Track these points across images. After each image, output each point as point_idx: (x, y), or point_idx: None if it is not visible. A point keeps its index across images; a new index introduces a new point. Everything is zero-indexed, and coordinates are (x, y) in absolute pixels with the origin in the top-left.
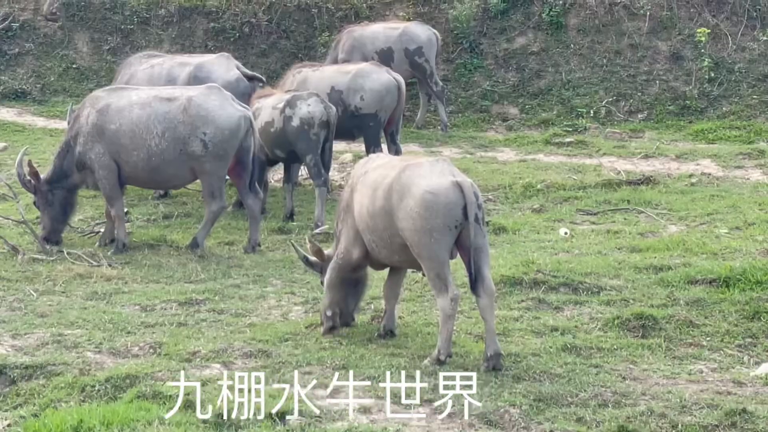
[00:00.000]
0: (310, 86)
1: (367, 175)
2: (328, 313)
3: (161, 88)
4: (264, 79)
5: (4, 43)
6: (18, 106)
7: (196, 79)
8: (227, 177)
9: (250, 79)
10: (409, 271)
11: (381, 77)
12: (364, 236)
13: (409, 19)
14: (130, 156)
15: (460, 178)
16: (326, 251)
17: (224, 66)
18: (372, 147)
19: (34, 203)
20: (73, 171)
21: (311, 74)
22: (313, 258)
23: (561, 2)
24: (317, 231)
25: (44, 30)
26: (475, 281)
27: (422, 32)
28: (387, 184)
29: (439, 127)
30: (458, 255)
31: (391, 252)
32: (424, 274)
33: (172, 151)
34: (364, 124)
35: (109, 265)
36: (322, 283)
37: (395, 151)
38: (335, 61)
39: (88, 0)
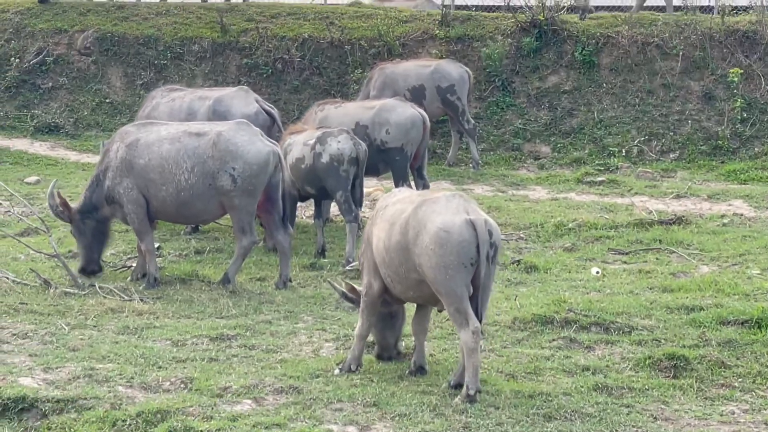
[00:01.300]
0: (333, 123)
1: (387, 209)
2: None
3: (191, 123)
4: (275, 112)
5: (38, 78)
6: (51, 140)
7: (215, 113)
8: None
9: (268, 111)
10: None
11: (406, 111)
12: (381, 270)
13: (441, 57)
14: (159, 191)
15: (473, 216)
16: (358, 288)
17: (243, 100)
18: (400, 181)
19: (71, 232)
20: (103, 204)
21: (333, 111)
22: (351, 294)
23: (594, 41)
24: (348, 267)
25: (78, 64)
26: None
27: (454, 70)
28: (404, 219)
29: (470, 165)
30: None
31: (407, 287)
32: (440, 310)
33: (201, 185)
34: (390, 159)
35: (141, 300)
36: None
37: (423, 185)
38: (367, 98)
39: (122, 35)
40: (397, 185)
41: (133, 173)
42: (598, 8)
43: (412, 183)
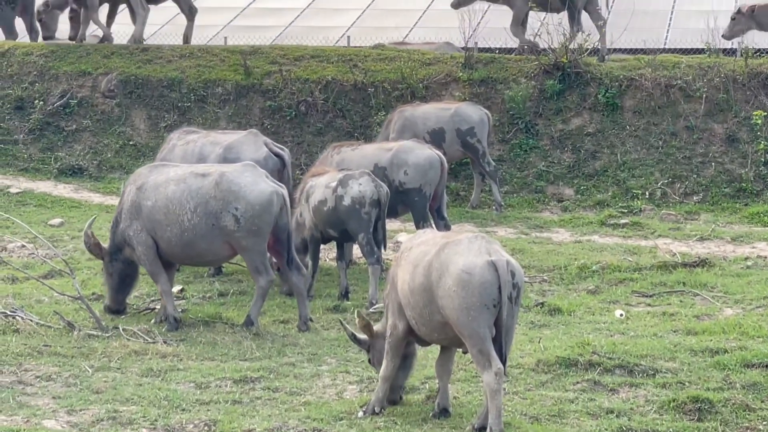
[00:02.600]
0: (350, 165)
1: (411, 251)
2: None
3: (199, 165)
4: (286, 155)
5: (62, 120)
6: (75, 182)
7: (225, 159)
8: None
9: (278, 155)
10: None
11: (424, 152)
12: (406, 312)
13: (464, 100)
14: (165, 231)
15: (495, 257)
16: (375, 327)
17: (252, 145)
18: (421, 222)
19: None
20: (124, 246)
21: (351, 153)
22: (361, 335)
23: (617, 84)
24: (371, 310)
25: (102, 107)
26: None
27: (474, 113)
28: (427, 261)
29: (493, 207)
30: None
31: (431, 329)
32: (464, 352)
33: (204, 225)
34: (409, 200)
35: (165, 342)
36: (368, 361)
37: (444, 226)
38: (386, 140)
39: (146, 77)
40: (417, 226)
41: (141, 216)
42: (619, 50)
43: (433, 224)
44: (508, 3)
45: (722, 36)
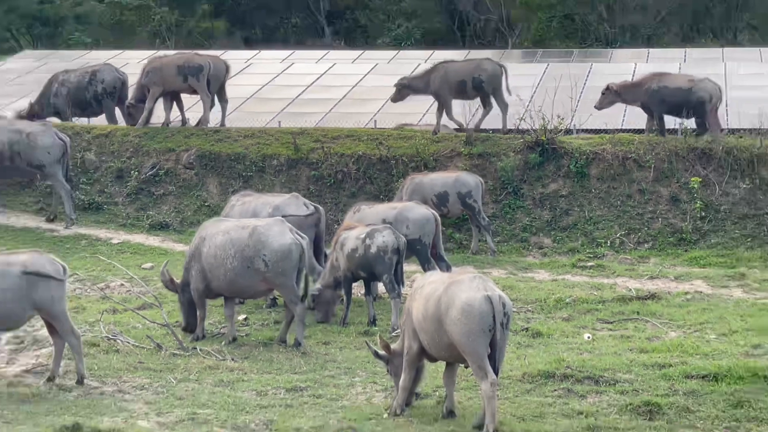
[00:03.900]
0: (366, 220)
1: (423, 288)
2: (399, 401)
3: (242, 219)
4: (321, 212)
5: (152, 186)
6: (162, 235)
7: (273, 216)
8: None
9: (312, 214)
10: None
11: (421, 211)
12: (420, 336)
13: (466, 169)
14: (215, 272)
15: (490, 292)
16: (393, 346)
17: (294, 205)
18: (425, 264)
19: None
20: (190, 281)
21: (367, 210)
22: (381, 352)
23: (585, 156)
24: (393, 334)
25: (183, 176)
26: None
27: (471, 179)
28: (437, 296)
29: (489, 253)
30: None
31: (440, 349)
32: (466, 366)
33: (241, 267)
34: (412, 248)
35: (233, 359)
36: (387, 371)
37: (446, 267)
38: (401, 201)
39: (217, 153)
40: (423, 268)
41: (200, 260)
42: (586, 130)
43: (436, 266)
44: (435, 95)
45: (594, 107)
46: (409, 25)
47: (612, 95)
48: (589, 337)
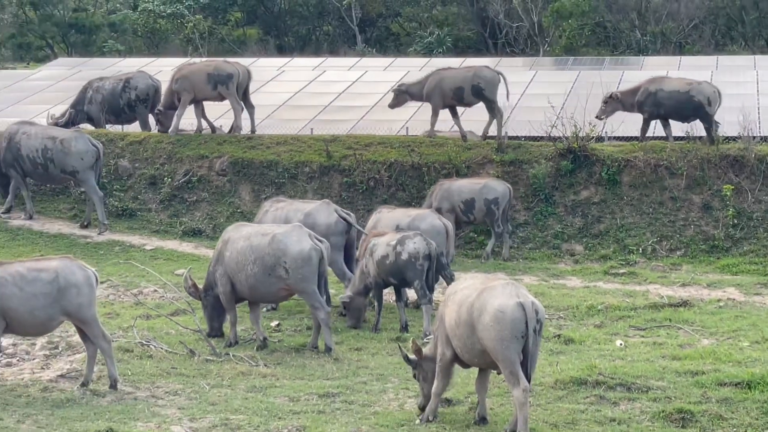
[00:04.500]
0: (383, 224)
1: (456, 294)
2: (432, 407)
3: (265, 225)
4: (351, 219)
5: (185, 193)
6: (195, 241)
7: (305, 223)
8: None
9: (344, 219)
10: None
11: (434, 221)
12: (453, 342)
13: (498, 177)
14: (236, 277)
15: (523, 299)
16: (424, 350)
17: (325, 212)
18: (440, 270)
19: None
20: (214, 285)
21: (386, 215)
22: (412, 356)
23: (616, 164)
24: (425, 340)
25: (216, 182)
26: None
27: (499, 186)
28: (469, 302)
29: (482, 257)
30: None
31: (473, 356)
32: (498, 373)
33: (262, 273)
34: None
35: (265, 365)
36: (414, 376)
37: (450, 276)
38: (429, 207)
39: (250, 160)
40: (437, 273)
41: (222, 263)
42: (618, 138)
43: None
44: (428, 101)
45: (596, 117)
46: (441, 33)
47: (615, 103)
48: (621, 344)
